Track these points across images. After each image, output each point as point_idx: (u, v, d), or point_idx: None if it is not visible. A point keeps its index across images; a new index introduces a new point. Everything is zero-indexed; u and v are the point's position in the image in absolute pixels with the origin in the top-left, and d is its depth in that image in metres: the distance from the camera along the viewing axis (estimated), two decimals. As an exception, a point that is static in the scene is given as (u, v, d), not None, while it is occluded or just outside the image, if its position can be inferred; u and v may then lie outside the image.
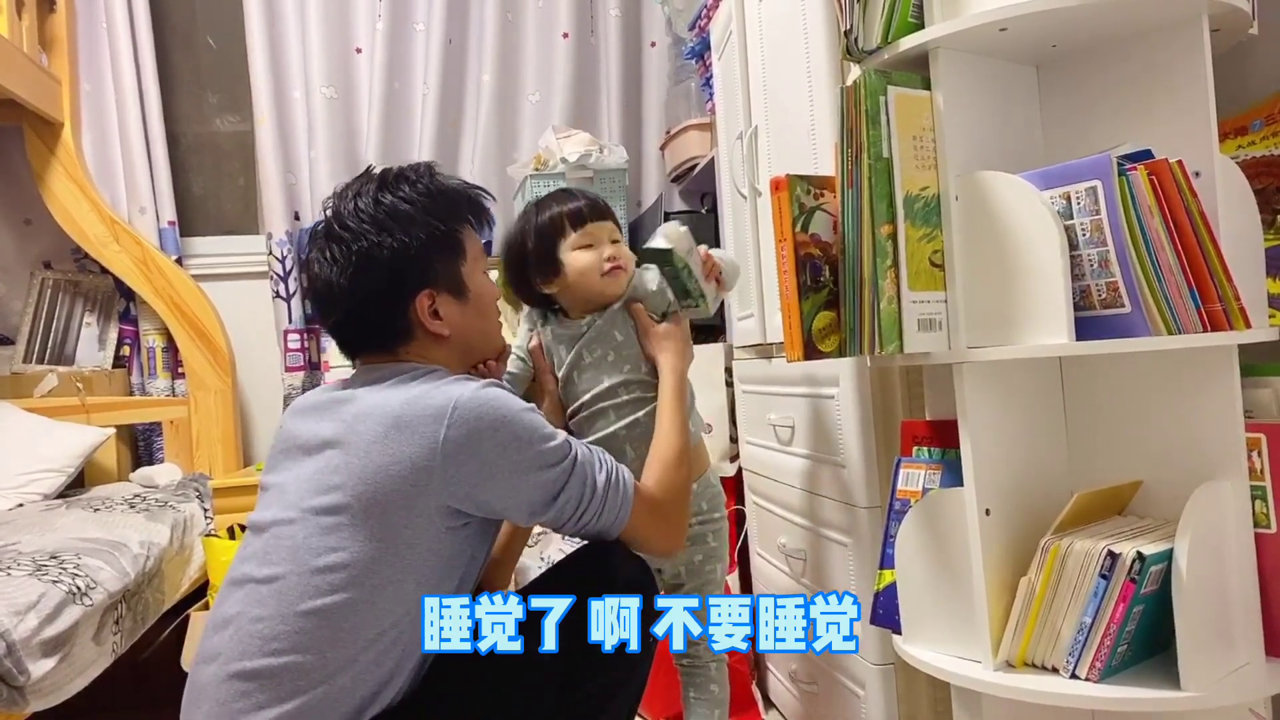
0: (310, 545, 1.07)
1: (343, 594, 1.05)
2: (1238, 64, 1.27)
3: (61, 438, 2.43)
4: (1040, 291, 1.05)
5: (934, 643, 1.16)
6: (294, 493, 1.12)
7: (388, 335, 1.21)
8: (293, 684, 1.03)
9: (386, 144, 2.78)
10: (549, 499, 1.13)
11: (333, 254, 1.18)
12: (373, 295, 1.18)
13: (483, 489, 1.10)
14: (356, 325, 1.22)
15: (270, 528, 1.13)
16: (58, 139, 2.60)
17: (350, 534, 1.07)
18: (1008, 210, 1.07)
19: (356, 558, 1.06)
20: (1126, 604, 1.01)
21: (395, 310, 1.19)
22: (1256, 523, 1.07)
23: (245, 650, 1.05)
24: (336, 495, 1.08)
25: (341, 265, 1.18)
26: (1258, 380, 1.11)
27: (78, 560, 1.64)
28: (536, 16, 2.89)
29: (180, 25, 2.91)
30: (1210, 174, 1.06)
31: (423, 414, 1.08)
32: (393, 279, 1.18)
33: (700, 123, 2.53)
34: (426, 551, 1.09)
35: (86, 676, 1.55)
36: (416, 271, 1.19)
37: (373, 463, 1.08)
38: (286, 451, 1.19)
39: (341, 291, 1.18)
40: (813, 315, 1.14)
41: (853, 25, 1.15)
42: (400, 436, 1.08)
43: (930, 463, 1.22)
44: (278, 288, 2.74)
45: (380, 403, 1.12)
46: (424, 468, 1.07)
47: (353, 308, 1.19)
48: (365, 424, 1.10)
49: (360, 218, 1.18)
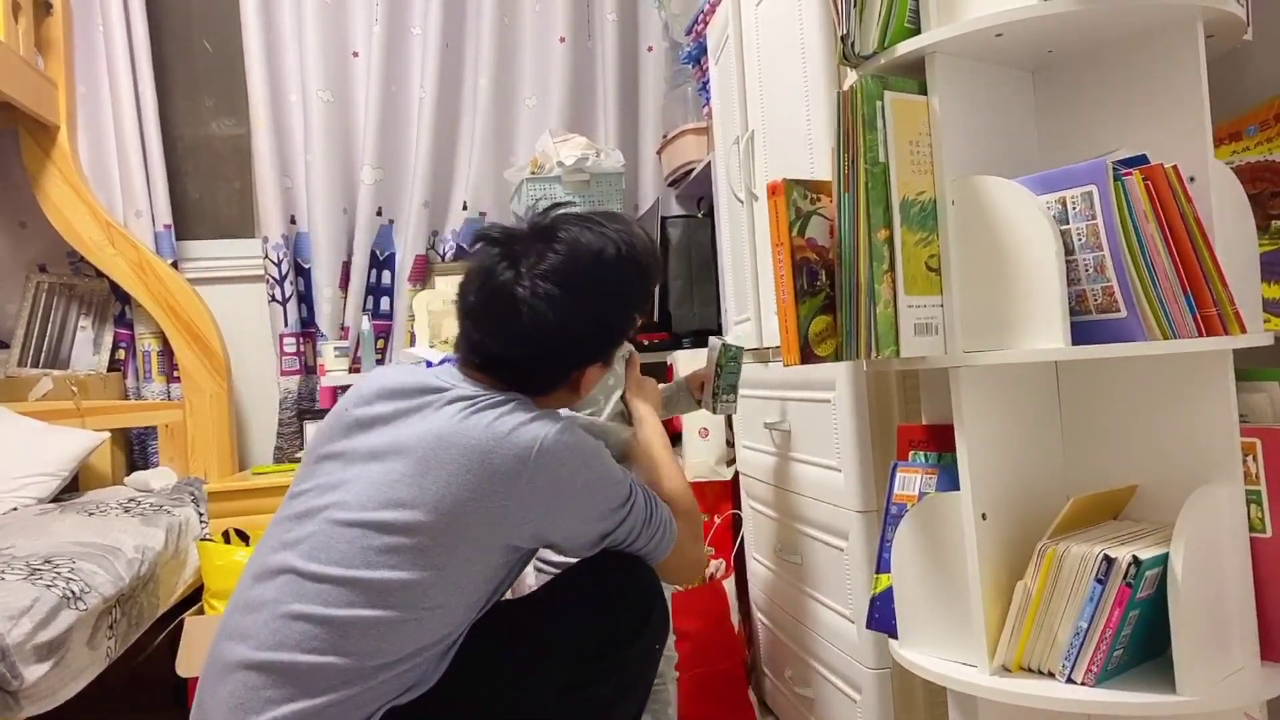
0: (367, 558, 1.07)
1: (394, 611, 1.06)
2: (1232, 69, 1.27)
3: (56, 442, 2.42)
4: (1036, 296, 1.05)
5: (930, 647, 1.16)
6: (355, 497, 1.10)
7: (541, 385, 1.21)
8: (326, 682, 1.04)
9: (383, 148, 2.78)
10: (604, 536, 1.17)
11: (551, 295, 1.15)
12: (573, 354, 1.20)
13: (550, 528, 1.14)
14: (531, 367, 1.19)
15: (321, 515, 1.11)
16: (53, 142, 2.59)
17: (413, 558, 1.07)
18: (1004, 215, 1.07)
19: (414, 581, 1.07)
20: (1122, 608, 1.01)
21: (571, 371, 1.22)
22: (1252, 527, 1.07)
23: (281, 642, 1.05)
24: (406, 514, 1.07)
25: (561, 315, 1.15)
26: (1253, 385, 1.11)
27: (72, 565, 1.64)
28: (533, 21, 2.89)
29: (177, 28, 2.91)
30: (1205, 179, 1.06)
31: (507, 455, 1.09)
32: (596, 348, 1.22)
33: (697, 127, 2.53)
34: (479, 578, 1.11)
35: (80, 681, 1.54)
36: (609, 346, 1.24)
37: (451, 495, 1.08)
38: (361, 426, 1.16)
39: (547, 337, 1.16)
40: (809, 319, 1.14)
41: (849, 30, 1.15)
42: (483, 473, 1.08)
43: (926, 467, 1.23)
44: (273, 291, 2.74)
45: (464, 430, 1.10)
46: (502, 507, 1.09)
47: (544, 356, 1.18)
48: (448, 451, 1.09)
49: (588, 274, 1.18)
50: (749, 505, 2.01)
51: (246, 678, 1.05)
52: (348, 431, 1.17)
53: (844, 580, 1.50)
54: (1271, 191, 1.23)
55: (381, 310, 2.84)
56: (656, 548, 1.22)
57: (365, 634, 1.05)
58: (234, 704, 1.05)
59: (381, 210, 2.82)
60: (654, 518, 1.21)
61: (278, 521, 1.16)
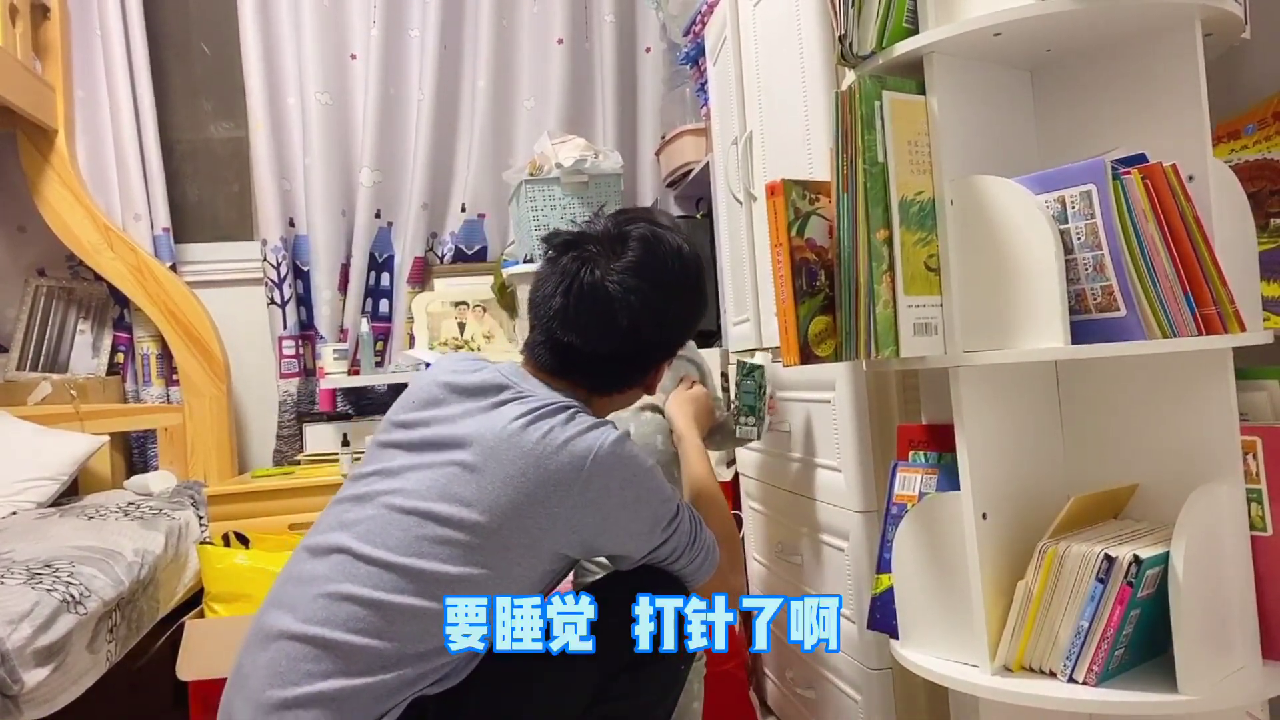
0: (420, 547, 1.09)
1: (440, 603, 1.07)
2: (1231, 68, 1.27)
3: (55, 445, 2.42)
4: (1036, 295, 1.05)
5: (931, 647, 1.16)
6: (415, 486, 1.12)
7: (622, 381, 1.25)
8: (366, 663, 1.06)
9: (381, 150, 2.78)
10: (650, 551, 1.17)
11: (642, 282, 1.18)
12: (658, 350, 1.25)
13: (599, 539, 1.15)
14: (614, 364, 1.22)
15: (379, 500, 1.13)
16: (52, 146, 2.59)
17: (465, 554, 1.08)
18: (1003, 214, 1.07)
19: (463, 576, 1.08)
20: (1123, 607, 1.01)
21: (652, 366, 1.27)
22: (1252, 526, 1.07)
23: (328, 618, 1.07)
24: (462, 510, 1.09)
25: (648, 302, 1.18)
26: (1253, 383, 1.11)
27: (71, 569, 1.63)
28: (531, 22, 2.89)
29: (175, 32, 2.91)
30: (1204, 178, 1.06)
31: (565, 461, 1.10)
32: (676, 343, 1.27)
33: (695, 128, 2.53)
34: (525, 581, 1.12)
35: (80, 685, 1.54)
36: (685, 339, 1.29)
37: (506, 497, 1.09)
38: (423, 423, 1.17)
39: (640, 334, 1.19)
40: (809, 320, 1.14)
41: (847, 30, 1.15)
42: (538, 478, 1.10)
43: (927, 467, 1.22)
44: (272, 294, 2.74)
45: (524, 435, 1.11)
46: (553, 513, 1.10)
47: (634, 351, 1.22)
48: (507, 453, 1.10)
49: (683, 264, 1.23)
50: (749, 506, 2.01)
51: (289, 648, 1.07)
52: (411, 420, 1.20)
53: (845, 580, 1.50)
54: (1270, 190, 1.23)
55: (380, 312, 2.84)
56: (697, 571, 1.21)
57: (409, 622, 1.07)
58: (273, 671, 1.06)
59: (380, 212, 2.82)
60: (697, 541, 1.21)
61: (337, 501, 1.19)
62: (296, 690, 1.04)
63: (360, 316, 2.75)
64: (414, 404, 1.21)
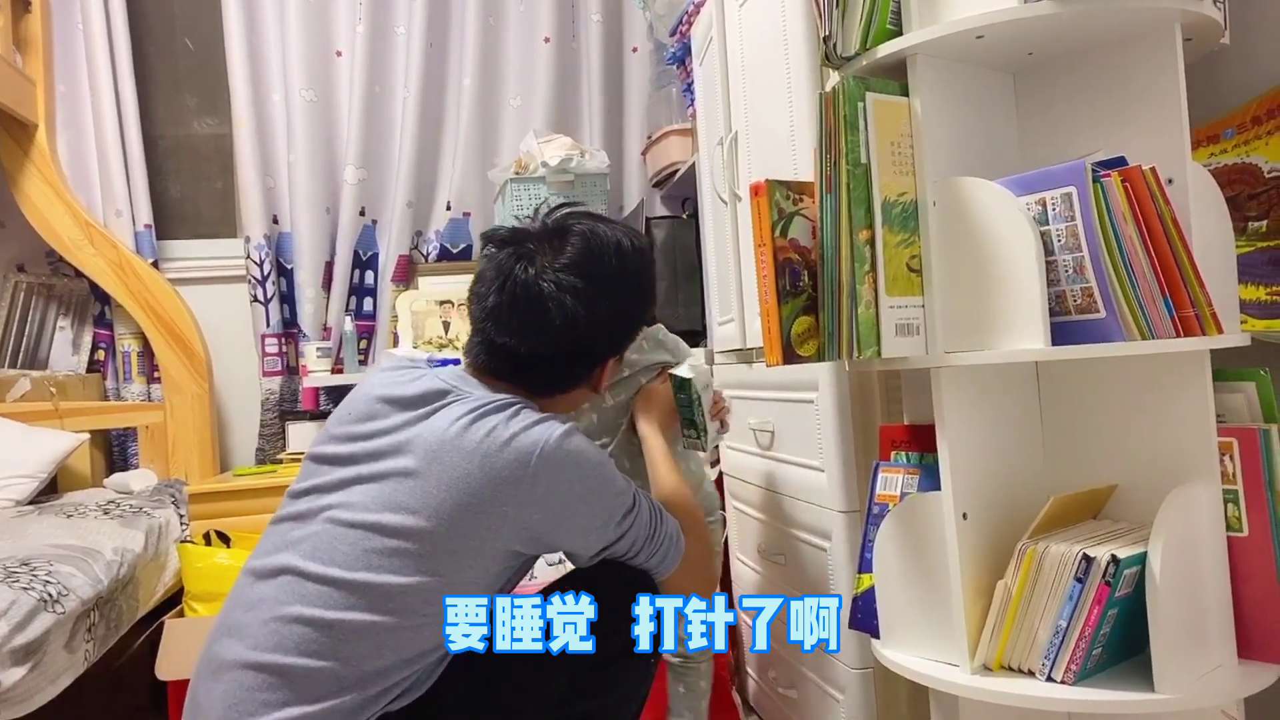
0: (369, 560, 1.06)
1: (392, 617, 1.05)
2: (1210, 73, 1.29)
3: (34, 443, 2.40)
4: (1017, 297, 1.06)
5: (912, 646, 1.17)
6: (359, 499, 1.09)
7: (565, 381, 1.22)
8: (323, 688, 1.03)
9: (366, 148, 2.77)
10: (607, 545, 1.16)
11: (577, 281, 1.15)
12: (599, 345, 1.21)
13: (551, 534, 1.13)
14: (557, 363, 1.19)
15: (322, 515, 1.10)
16: (32, 141, 2.57)
17: (415, 563, 1.06)
18: (985, 216, 1.08)
19: (415, 585, 1.06)
20: (1101, 607, 1.01)
21: (595, 364, 1.23)
22: (1229, 526, 1.08)
23: (280, 644, 1.04)
24: (409, 519, 1.06)
25: (588, 308, 1.15)
26: (1230, 385, 1.12)
27: (49, 567, 1.62)
28: (518, 21, 2.89)
29: (158, 27, 2.89)
30: (1183, 181, 1.07)
31: (508, 461, 1.08)
32: (620, 339, 1.24)
33: (682, 128, 2.54)
34: (479, 585, 1.10)
35: (58, 685, 1.52)
36: (629, 336, 1.27)
37: (452, 500, 1.07)
38: (365, 435, 1.14)
39: (575, 330, 1.15)
40: (791, 320, 1.14)
41: (832, 31, 1.15)
42: (483, 478, 1.07)
43: (908, 467, 1.23)
44: (255, 291, 2.73)
45: (467, 436, 1.09)
46: (501, 512, 1.08)
47: (573, 350, 1.18)
48: (450, 456, 1.08)
49: (617, 254, 1.19)
50: (733, 506, 2.01)
51: (242, 677, 1.04)
52: (349, 434, 1.16)
53: (827, 580, 1.50)
54: (1248, 193, 1.25)
55: (364, 311, 2.83)
56: (661, 563, 1.20)
57: (362, 639, 1.04)
58: (229, 703, 1.04)
59: (365, 210, 2.81)
60: (658, 533, 1.19)
61: (278, 520, 1.16)
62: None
63: (344, 314, 2.74)
64: (351, 417, 1.17)
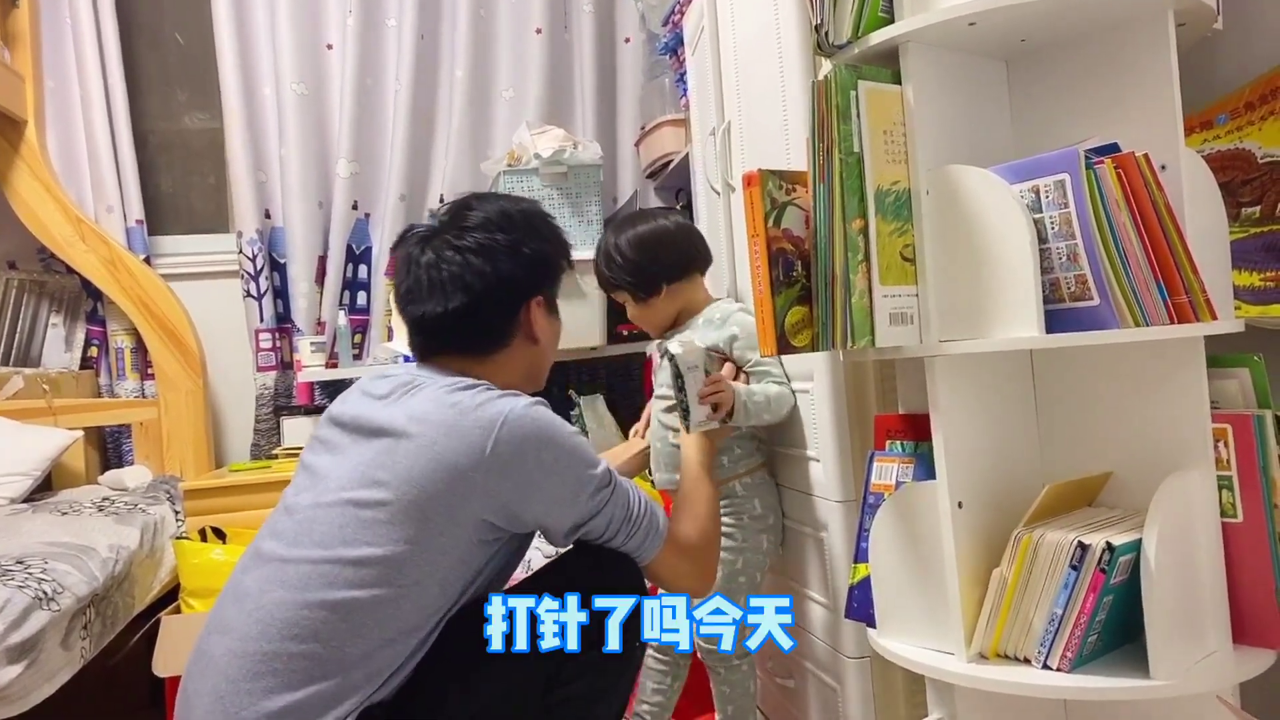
0: (345, 535, 1.08)
1: (371, 590, 1.07)
2: (1203, 59, 1.28)
3: (28, 441, 2.39)
4: (1010, 285, 1.06)
5: (908, 635, 1.17)
6: (336, 480, 1.13)
7: (495, 331, 1.25)
8: (306, 673, 1.04)
9: (358, 141, 2.76)
10: (582, 522, 1.16)
11: (475, 240, 1.22)
12: (506, 283, 1.23)
13: (521, 505, 1.13)
14: (476, 312, 1.22)
15: (305, 503, 1.14)
16: (21, 137, 2.55)
17: (387, 531, 1.08)
18: (978, 204, 1.08)
19: (390, 555, 1.07)
20: (1096, 594, 1.02)
21: (515, 306, 1.25)
22: (1223, 512, 1.08)
23: (264, 631, 1.06)
24: (380, 491, 1.09)
25: (484, 250, 1.21)
26: (1224, 371, 1.12)
27: (44, 565, 1.61)
28: (509, 12, 2.87)
29: (147, 21, 2.87)
30: (1176, 167, 1.07)
31: (474, 425, 1.11)
32: (528, 275, 1.25)
33: (675, 119, 2.53)
34: (456, 560, 1.11)
35: (54, 683, 1.52)
36: (541, 276, 1.28)
37: (419, 466, 1.09)
38: (341, 426, 1.20)
39: (478, 273, 1.21)
40: (785, 310, 1.14)
41: (823, 20, 1.14)
42: (449, 444, 1.10)
43: (903, 456, 1.23)
44: (249, 286, 2.71)
45: (436, 407, 1.13)
46: (468, 478, 1.09)
47: (483, 291, 1.22)
48: (419, 427, 1.12)
49: (503, 217, 1.25)
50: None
51: (229, 668, 1.06)
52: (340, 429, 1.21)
53: (823, 570, 1.51)
54: (1242, 179, 1.24)
55: (358, 305, 2.82)
56: (640, 546, 1.21)
57: (344, 618, 1.06)
58: (217, 695, 1.05)
59: (357, 204, 2.79)
60: (636, 514, 1.20)
61: (267, 521, 1.19)
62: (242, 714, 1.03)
63: (338, 309, 2.73)
64: (330, 421, 1.24)
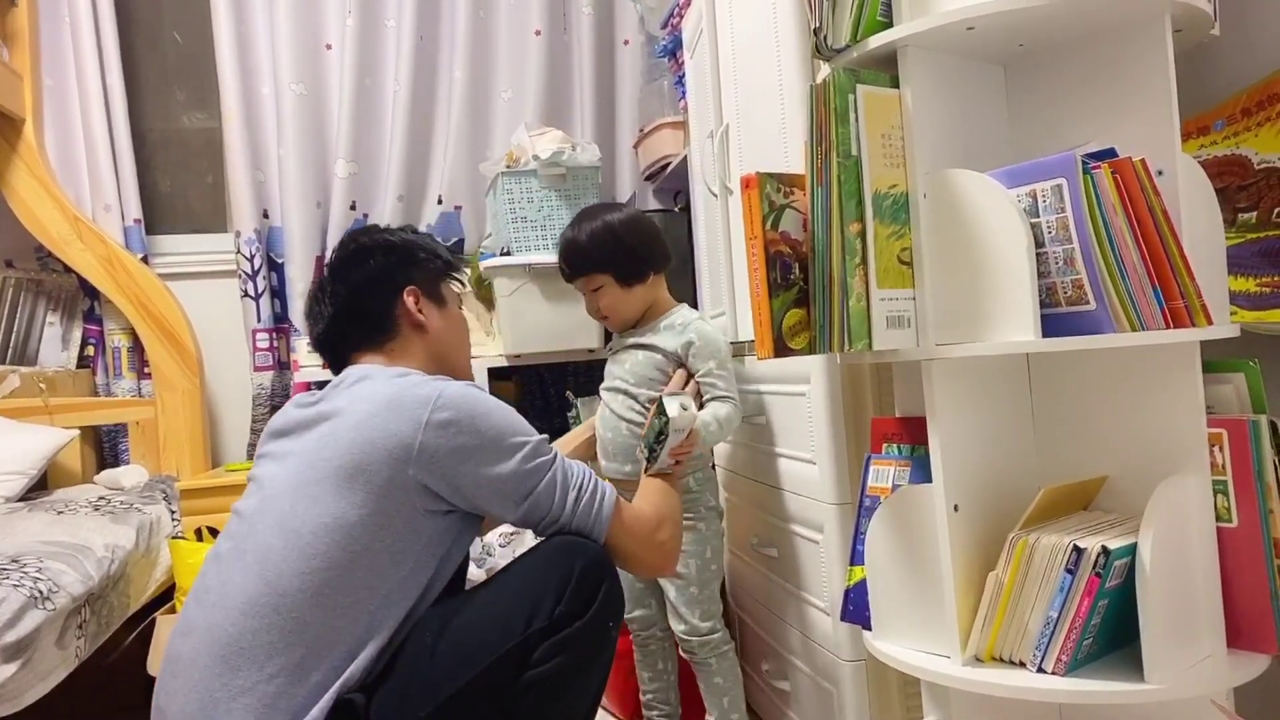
0: (295, 511, 1.14)
1: (323, 557, 1.11)
2: (1200, 64, 1.29)
3: (24, 439, 2.38)
4: (1007, 288, 1.06)
5: (904, 638, 1.17)
6: (284, 478, 1.19)
7: (375, 324, 1.35)
8: (270, 646, 1.08)
9: (357, 142, 2.76)
10: (523, 493, 1.21)
11: (332, 269, 1.38)
12: (365, 284, 1.35)
13: (459, 472, 1.17)
14: (349, 314, 1.35)
15: (255, 508, 1.19)
16: (19, 135, 2.55)
17: (333, 498, 1.14)
18: (975, 208, 1.08)
19: (337, 520, 1.13)
20: (1092, 598, 1.02)
21: (384, 299, 1.35)
22: (1219, 517, 1.08)
23: (226, 616, 1.10)
24: (324, 467, 1.16)
25: (337, 271, 1.37)
26: (1219, 376, 1.12)
27: (40, 564, 1.61)
28: (508, 13, 2.87)
29: (146, 20, 2.87)
30: (1173, 173, 1.07)
31: (413, 399, 1.18)
32: (384, 273, 1.36)
33: (673, 121, 2.53)
34: (404, 528, 1.16)
35: (49, 682, 1.52)
36: (404, 270, 1.38)
37: (361, 435, 1.16)
38: (281, 435, 1.27)
39: (338, 289, 1.35)
40: (783, 313, 1.14)
41: (822, 23, 1.15)
42: (389, 415, 1.17)
43: (900, 459, 1.23)
44: (246, 286, 2.71)
45: (376, 388, 1.21)
46: (406, 444, 1.15)
47: (346, 296, 1.35)
48: (359, 405, 1.19)
49: (357, 240, 1.41)
50: (725, 498, 2.01)
51: (199, 661, 1.09)
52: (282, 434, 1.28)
53: (819, 573, 1.51)
54: (1238, 185, 1.25)
55: (356, 305, 2.81)
56: (591, 517, 1.24)
57: (300, 587, 1.10)
58: (190, 689, 1.09)
59: (356, 204, 2.79)
60: (582, 483, 1.25)
61: (222, 531, 1.25)
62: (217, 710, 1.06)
63: (335, 309, 2.73)
64: (270, 435, 1.30)
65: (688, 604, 1.61)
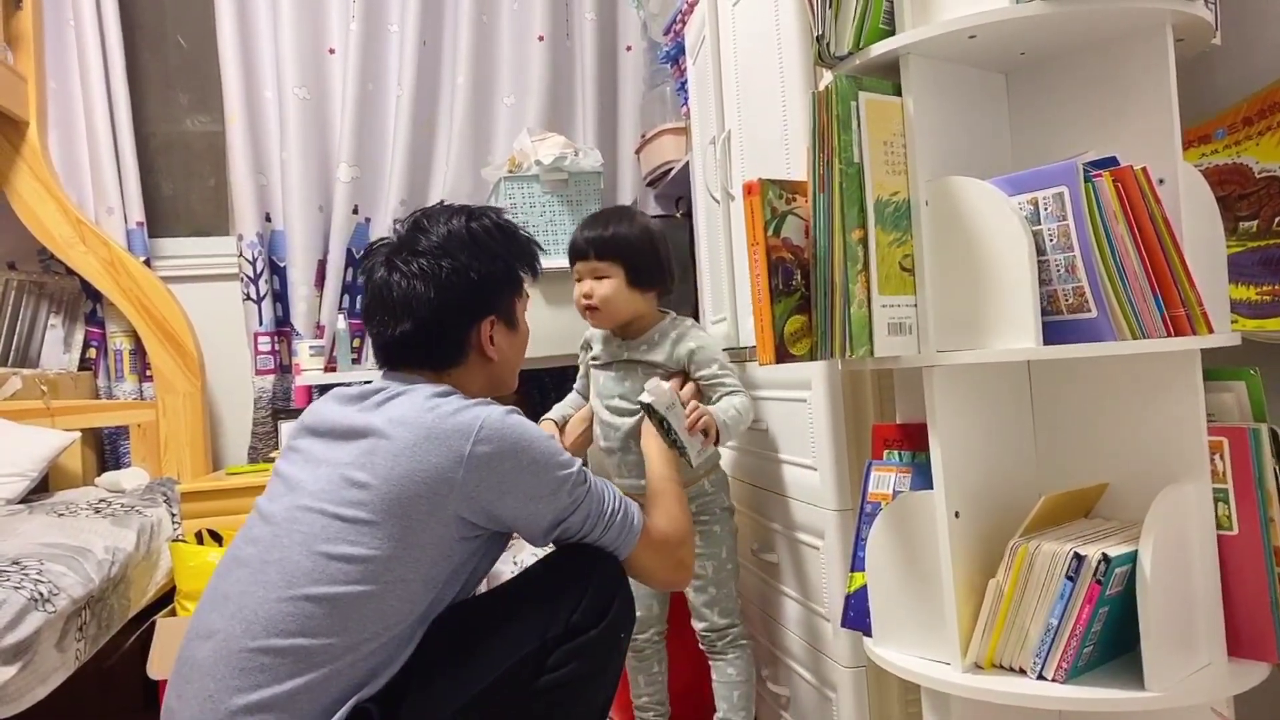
0: (328, 534, 1.11)
1: (356, 586, 1.09)
2: (1202, 73, 1.29)
3: (25, 441, 2.39)
4: (1009, 296, 1.06)
5: (904, 645, 1.17)
6: (314, 484, 1.15)
7: (447, 351, 1.28)
8: (293, 666, 1.06)
9: (359, 146, 2.76)
10: (558, 521, 1.20)
11: (420, 266, 1.25)
12: (452, 309, 1.26)
13: (499, 505, 1.16)
14: (425, 336, 1.26)
15: (284, 515, 1.16)
16: (23, 138, 2.56)
17: (370, 531, 1.11)
18: (977, 215, 1.08)
19: (374, 554, 1.10)
20: (1092, 605, 1.02)
21: (464, 329, 1.28)
22: (1219, 525, 1.08)
23: (248, 629, 1.08)
24: (361, 493, 1.12)
25: (428, 277, 1.25)
26: (1220, 384, 1.12)
27: (40, 566, 1.61)
28: (511, 19, 2.88)
29: (150, 24, 2.88)
30: (1174, 181, 1.07)
31: (453, 429, 1.14)
32: (476, 299, 1.28)
33: (675, 127, 2.53)
34: (438, 556, 1.14)
35: (49, 684, 1.52)
36: (492, 297, 1.30)
37: (400, 468, 1.12)
38: (315, 433, 1.23)
39: (423, 302, 1.24)
40: (784, 319, 1.14)
41: (825, 31, 1.15)
42: (429, 446, 1.13)
43: (901, 466, 1.23)
44: (248, 290, 2.72)
45: (415, 412, 1.16)
46: (447, 478, 1.13)
47: (429, 318, 1.25)
48: (399, 430, 1.15)
49: (451, 240, 1.27)
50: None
51: (215, 671, 1.07)
52: (314, 435, 1.24)
53: (820, 579, 1.51)
54: (1239, 193, 1.25)
55: (357, 309, 2.82)
56: (618, 539, 1.24)
57: (330, 611, 1.08)
58: (204, 697, 1.06)
59: (358, 208, 2.80)
60: (611, 509, 1.24)
61: (242, 530, 1.22)
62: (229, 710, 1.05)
63: (337, 313, 2.73)
64: (304, 430, 1.26)
65: (707, 604, 1.63)
